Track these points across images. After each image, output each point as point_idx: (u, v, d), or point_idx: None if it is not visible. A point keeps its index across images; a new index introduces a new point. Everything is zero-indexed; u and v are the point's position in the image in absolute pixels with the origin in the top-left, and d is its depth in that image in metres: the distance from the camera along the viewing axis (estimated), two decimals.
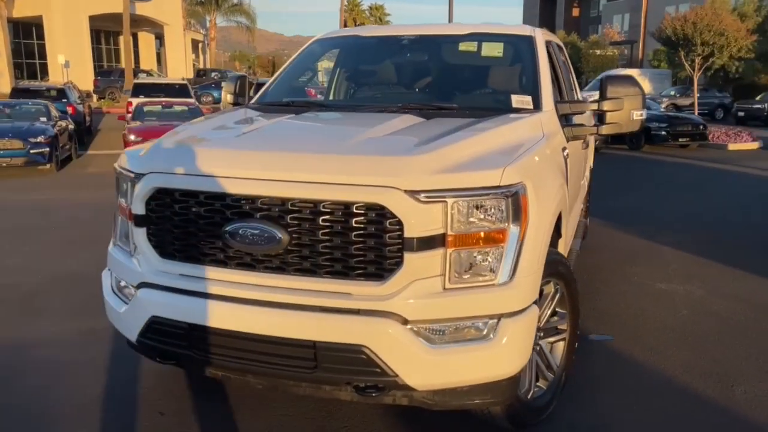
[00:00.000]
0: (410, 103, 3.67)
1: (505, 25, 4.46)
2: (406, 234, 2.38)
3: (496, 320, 2.52)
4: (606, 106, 3.60)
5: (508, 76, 4.13)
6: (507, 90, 3.86)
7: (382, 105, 3.72)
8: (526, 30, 4.26)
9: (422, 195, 2.38)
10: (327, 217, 2.44)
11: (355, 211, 2.42)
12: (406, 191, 2.38)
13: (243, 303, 2.57)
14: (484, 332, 2.52)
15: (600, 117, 3.66)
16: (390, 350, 2.42)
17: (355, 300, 2.47)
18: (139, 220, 2.75)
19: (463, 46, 4.20)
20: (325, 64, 5.46)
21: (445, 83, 4.15)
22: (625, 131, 3.69)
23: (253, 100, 4.20)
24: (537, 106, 3.56)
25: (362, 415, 3.27)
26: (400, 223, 2.38)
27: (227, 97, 4.35)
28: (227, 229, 2.55)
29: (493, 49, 4.17)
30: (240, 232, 2.52)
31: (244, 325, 2.57)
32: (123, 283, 2.96)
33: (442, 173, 2.47)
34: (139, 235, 2.77)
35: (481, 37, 4.20)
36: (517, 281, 2.53)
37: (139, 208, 2.74)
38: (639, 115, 3.68)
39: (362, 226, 2.43)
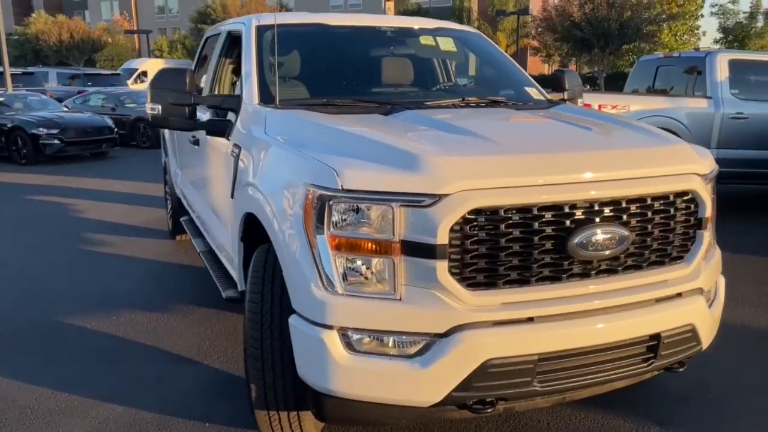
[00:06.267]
0: (465, 97, 3.67)
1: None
2: (706, 214, 2.64)
3: None
4: (567, 95, 4.14)
5: (496, 69, 4.29)
6: (509, 83, 4.09)
7: (449, 100, 3.62)
8: (470, 28, 4.60)
9: (705, 178, 2.66)
10: (655, 209, 2.50)
11: (672, 200, 2.54)
12: (701, 176, 2.63)
13: (585, 316, 2.40)
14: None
15: None
16: (703, 321, 2.65)
17: (674, 285, 2.60)
18: (438, 253, 2.22)
19: (426, 40, 4.27)
20: None
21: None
22: None
23: (256, 99, 3.42)
24: (544, 97, 3.94)
25: None
26: (697, 204, 2.61)
27: (167, 96, 3.39)
28: (578, 239, 2.32)
29: (450, 44, 4.31)
30: (592, 239, 2.34)
31: (593, 339, 2.40)
32: (389, 339, 2.32)
33: (701, 159, 2.74)
34: (439, 270, 2.23)
35: (446, 32, 4.35)
36: None
37: (440, 238, 2.20)
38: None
39: (675, 213, 2.56)
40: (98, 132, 13.89)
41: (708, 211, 2.64)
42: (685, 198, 2.57)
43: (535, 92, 3.93)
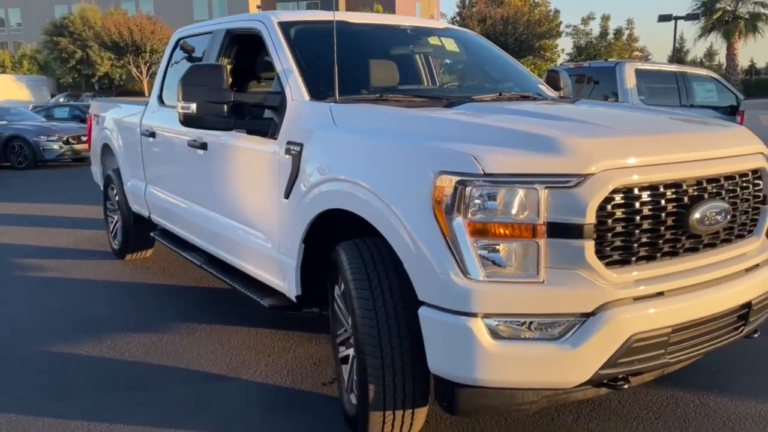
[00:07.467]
0: (500, 92, 3.77)
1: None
2: None
3: None
4: (563, 93, 4.34)
5: (504, 68, 4.38)
6: (521, 81, 4.20)
7: (489, 95, 3.65)
8: (470, 30, 4.67)
9: (767, 158, 2.89)
10: (740, 185, 2.67)
11: (750, 177, 2.73)
12: (765, 155, 2.87)
13: (701, 288, 2.53)
14: None
15: None
16: None
17: (752, 257, 2.79)
18: (586, 233, 2.26)
19: (434, 40, 4.31)
20: None
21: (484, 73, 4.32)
22: None
23: (306, 96, 3.31)
24: (553, 93, 4.09)
25: None
26: (762, 181, 2.82)
27: (203, 94, 3.22)
28: (697, 214, 2.46)
29: (453, 44, 4.38)
30: (707, 214, 2.50)
31: (710, 309, 2.53)
32: (532, 322, 2.32)
33: (762, 141, 2.95)
34: (587, 250, 2.28)
35: (451, 33, 4.41)
36: None
37: (588, 217, 2.25)
38: None
39: (752, 189, 2.75)
40: None
41: None
42: (756, 176, 2.80)
43: (545, 89, 4.10)
